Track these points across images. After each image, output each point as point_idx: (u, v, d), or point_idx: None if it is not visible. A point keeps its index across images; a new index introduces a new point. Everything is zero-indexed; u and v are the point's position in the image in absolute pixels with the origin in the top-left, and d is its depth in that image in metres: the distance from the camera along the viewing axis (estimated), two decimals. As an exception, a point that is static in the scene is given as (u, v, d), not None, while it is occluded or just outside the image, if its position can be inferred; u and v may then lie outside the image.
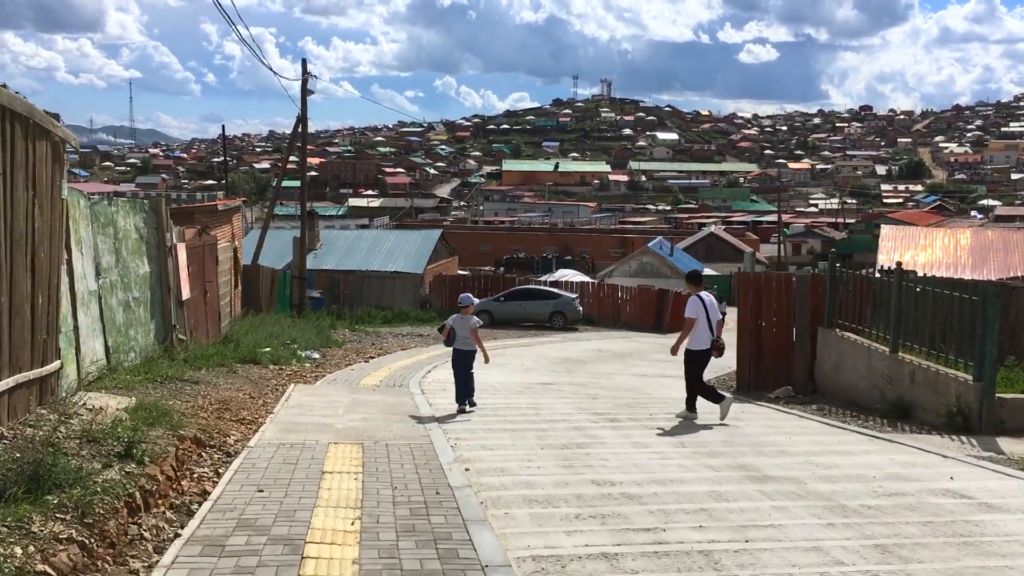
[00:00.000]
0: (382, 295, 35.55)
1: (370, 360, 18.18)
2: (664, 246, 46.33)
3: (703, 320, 10.09)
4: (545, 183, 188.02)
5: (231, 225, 23.73)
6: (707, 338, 10.16)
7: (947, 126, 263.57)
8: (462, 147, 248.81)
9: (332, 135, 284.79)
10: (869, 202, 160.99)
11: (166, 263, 12.37)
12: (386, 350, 21.25)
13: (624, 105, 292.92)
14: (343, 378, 13.96)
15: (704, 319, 10.09)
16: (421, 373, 15.34)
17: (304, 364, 16.09)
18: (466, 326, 10.72)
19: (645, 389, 14.04)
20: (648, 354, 24.61)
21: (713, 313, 10.21)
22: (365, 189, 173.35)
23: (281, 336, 19.41)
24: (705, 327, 10.11)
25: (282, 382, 12.69)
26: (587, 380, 15.49)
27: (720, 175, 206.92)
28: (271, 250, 37.62)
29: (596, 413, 10.74)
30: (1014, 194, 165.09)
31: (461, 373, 10.70)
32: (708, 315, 10.13)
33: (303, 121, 25.94)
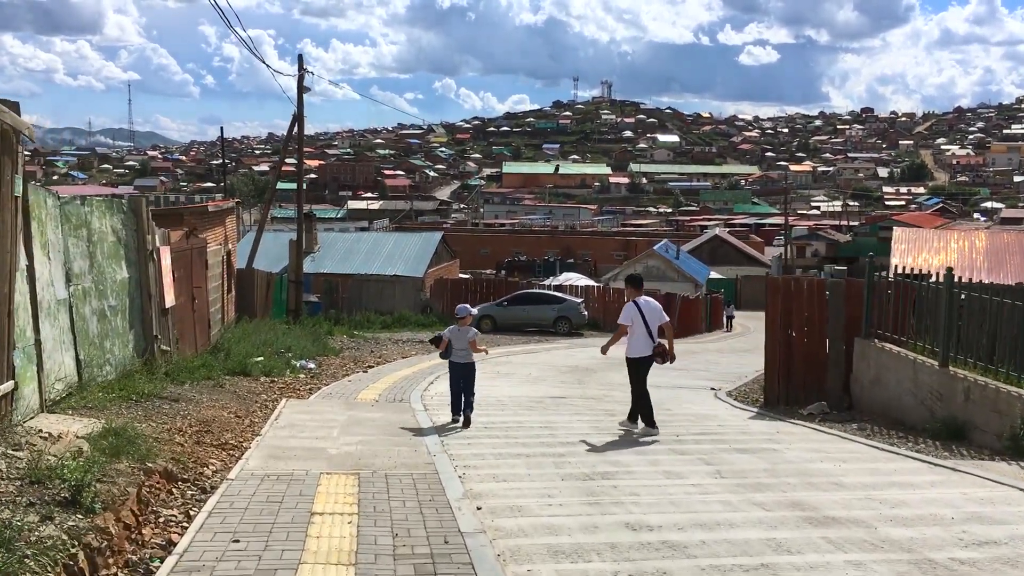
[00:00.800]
0: (381, 299, 34.56)
1: (368, 370, 17.20)
2: (670, 249, 45.35)
3: (640, 326, 9.81)
4: (545, 185, 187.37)
5: (224, 227, 22.77)
6: (645, 345, 9.85)
7: (949, 128, 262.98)
8: (462, 149, 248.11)
9: (331, 137, 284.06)
10: (871, 204, 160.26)
11: (147, 268, 11.39)
12: (385, 358, 20.28)
13: (624, 107, 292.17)
14: (339, 391, 12.98)
15: (641, 325, 9.81)
16: (423, 385, 14.36)
17: (298, 375, 15.12)
18: (464, 338, 10.25)
19: (664, 404, 13.04)
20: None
21: (652, 318, 9.88)
22: (364, 191, 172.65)
23: (275, 344, 18.44)
24: (643, 334, 9.82)
25: (273, 397, 11.71)
26: (600, 392, 14.50)
27: (721, 177, 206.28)
28: (268, 253, 36.70)
29: (618, 435, 9.77)
30: (1017, 196, 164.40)
31: (456, 387, 10.25)
32: (645, 321, 9.81)
33: (299, 119, 24.98)
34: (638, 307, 9.85)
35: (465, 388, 10.14)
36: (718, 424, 10.78)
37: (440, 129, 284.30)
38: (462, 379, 10.16)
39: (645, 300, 10.03)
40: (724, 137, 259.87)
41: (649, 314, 9.85)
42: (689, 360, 24.87)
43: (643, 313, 9.81)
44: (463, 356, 10.19)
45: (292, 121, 25.27)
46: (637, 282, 10.56)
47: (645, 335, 9.82)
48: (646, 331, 9.81)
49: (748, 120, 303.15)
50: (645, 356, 9.89)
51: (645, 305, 9.91)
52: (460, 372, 10.20)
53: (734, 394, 14.76)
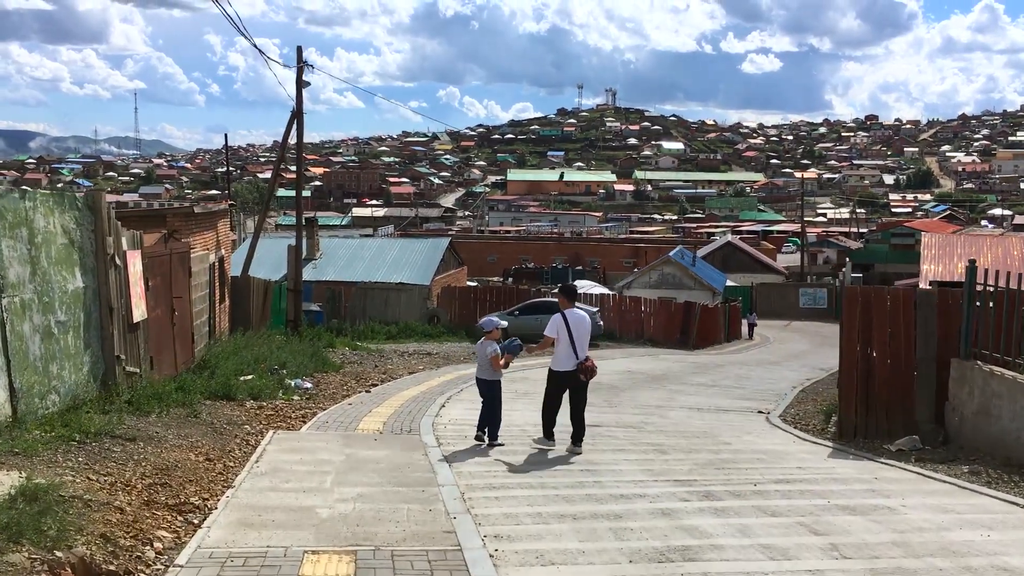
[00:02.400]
0: (386, 308, 32.69)
1: (372, 389, 15.36)
2: (686, 256, 43.46)
3: (564, 340, 9.40)
4: (550, 193, 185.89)
5: (215, 232, 20.96)
6: (567, 359, 9.42)
7: (954, 135, 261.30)
8: (466, 157, 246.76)
9: (336, 145, 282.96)
10: (878, 211, 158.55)
11: (107, 276, 9.57)
12: (391, 374, 18.44)
13: (629, 114, 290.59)
14: (337, 419, 11.13)
15: (566, 338, 9.39)
16: (434, 408, 12.52)
17: (291, 397, 13.27)
18: (483, 353, 9.80)
19: (717, 434, 11.18)
20: (685, 376, 21.81)
21: (579, 332, 9.44)
22: (369, 199, 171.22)
23: (268, 360, 16.61)
24: (567, 347, 9.41)
25: (258, 428, 9.87)
26: (637, 418, 12.64)
27: (727, 184, 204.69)
28: (268, 260, 34.92)
29: (679, 481, 7.90)
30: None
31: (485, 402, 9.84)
32: (571, 334, 9.38)
33: (298, 115, 23.18)
34: (565, 319, 9.43)
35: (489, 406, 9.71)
36: (796, 466, 8.90)
37: (445, 137, 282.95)
38: (486, 396, 9.74)
39: (573, 312, 9.59)
40: (729, 144, 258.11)
41: (576, 327, 9.42)
42: (718, 374, 23.05)
43: (569, 326, 9.38)
44: (484, 372, 9.74)
45: (291, 118, 23.49)
46: (569, 293, 10.11)
47: (568, 349, 9.37)
48: (570, 345, 9.36)
49: (753, 127, 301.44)
50: (566, 371, 9.42)
51: (572, 317, 9.47)
52: (482, 389, 9.83)
53: (789, 419, 12.90)
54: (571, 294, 10.20)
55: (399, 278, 35.75)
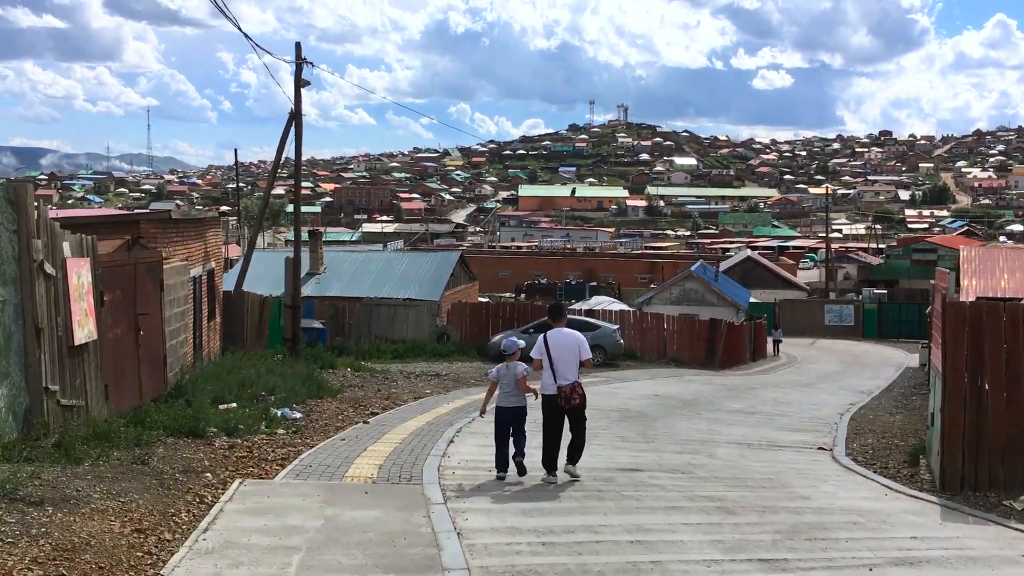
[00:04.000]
0: (393, 326, 30.75)
1: (371, 419, 13.45)
2: (708, 271, 41.46)
3: (546, 363, 8.88)
4: (562, 208, 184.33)
5: (202, 242, 19.13)
6: (548, 383, 8.87)
7: (969, 151, 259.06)
8: (477, 172, 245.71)
9: (347, 161, 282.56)
10: (894, 227, 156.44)
11: (33, 287, 7.71)
12: (394, 399, 16.53)
13: (641, 130, 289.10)
14: (323, 462, 9.20)
15: (547, 362, 8.85)
16: (441, 445, 10.61)
17: (275, 431, 11.36)
18: (512, 376, 8.98)
19: (787, 482, 9.20)
20: (718, 401, 19.82)
21: (559, 354, 8.80)
22: (380, 214, 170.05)
23: (256, 384, 14.75)
24: (547, 370, 8.86)
25: (222, 477, 7.96)
26: (682, 458, 10.67)
27: (740, 200, 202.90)
28: (269, 275, 33.08)
29: (765, 562, 5.93)
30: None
31: (502, 435, 8.92)
32: (550, 356, 8.81)
33: (297, 116, 21.40)
34: (545, 340, 8.96)
35: (514, 434, 8.87)
36: (910, 535, 6.90)
37: (456, 152, 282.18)
38: (510, 424, 8.88)
39: (557, 333, 9.02)
40: (741, 160, 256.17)
41: (556, 349, 8.83)
42: (753, 399, 21.03)
43: (548, 347, 8.85)
44: (510, 398, 8.98)
45: (289, 119, 21.70)
46: (554, 312, 9.61)
47: (549, 372, 8.85)
48: (549, 368, 8.84)
49: (765, 143, 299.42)
50: (549, 395, 8.87)
51: (553, 338, 8.94)
52: (506, 417, 8.93)
53: (860, 458, 10.91)
54: (555, 313, 9.58)
55: (407, 293, 33.87)
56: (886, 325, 50.08)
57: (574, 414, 8.90)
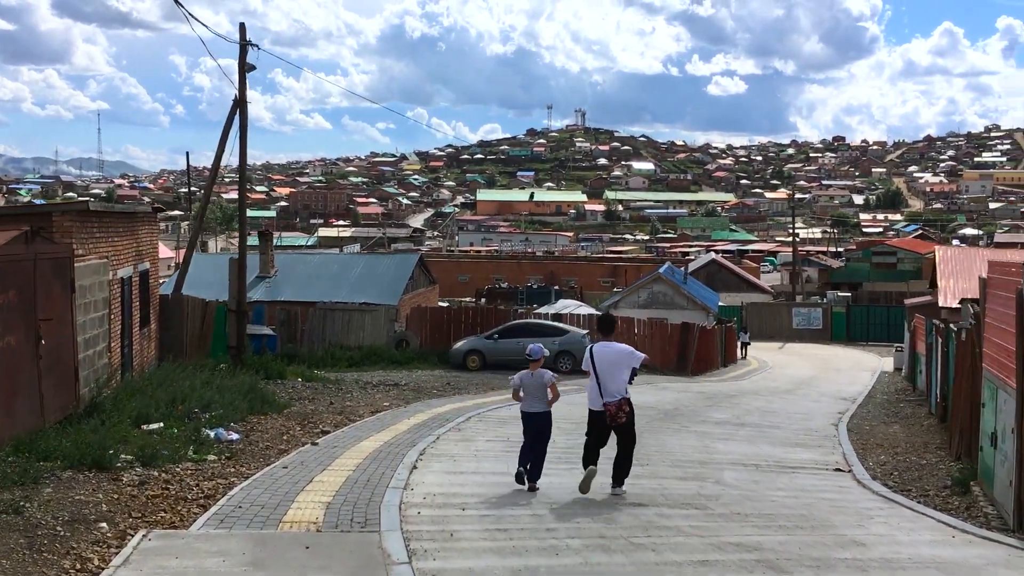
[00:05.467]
0: (349, 331, 28.91)
1: (321, 439, 11.72)
2: (676, 273, 40.19)
3: (592, 377, 8.68)
4: (520, 213, 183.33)
5: (134, 239, 17.20)
6: (594, 399, 8.66)
7: (920, 156, 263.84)
8: (435, 177, 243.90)
9: (303, 166, 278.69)
10: (849, 231, 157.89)
11: None
12: (348, 414, 14.79)
13: (599, 135, 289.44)
14: (258, 499, 7.46)
15: (592, 376, 8.64)
16: (403, 474, 8.94)
17: (205, 458, 9.58)
18: (539, 384, 8.84)
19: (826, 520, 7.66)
20: (700, 411, 18.42)
21: (604, 369, 8.53)
22: (336, 219, 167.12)
23: (189, 400, 12.92)
24: (593, 384, 8.65)
25: (121, 528, 6.20)
26: (687, 485, 9.13)
27: (698, 204, 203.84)
28: (216, 278, 30.93)
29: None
30: (993, 223, 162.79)
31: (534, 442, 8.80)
32: (596, 371, 8.57)
33: (241, 104, 19.52)
34: (591, 355, 8.71)
35: (536, 444, 8.77)
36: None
37: (413, 157, 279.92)
38: (533, 432, 8.82)
39: (603, 346, 8.75)
40: (699, 165, 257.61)
41: (602, 363, 8.56)
42: (736, 408, 19.61)
43: (594, 362, 8.62)
44: (535, 404, 8.84)
45: (232, 107, 19.82)
46: (605, 325, 9.26)
47: (595, 388, 8.64)
48: (596, 383, 8.61)
49: (722, 148, 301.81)
50: (596, 411, 8.68)
51: (599, 351, 8.67)
52: (531, 423, 8.84)
53: (889, 482, 9.46)
54: (605, 326, 9.12)
55: (363, 298, 32.02)
56: (854, 328, 49.34)
57: (622, 432, 8.59)
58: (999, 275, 7.69)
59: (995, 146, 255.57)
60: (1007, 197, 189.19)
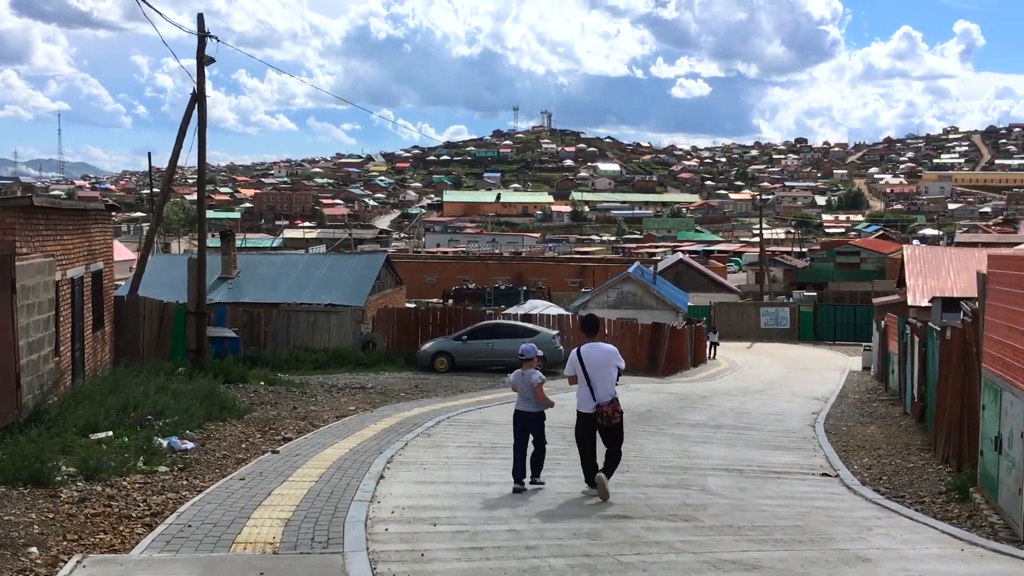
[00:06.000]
0: (314, 333, 28.20)
1: (283, 446, 11.10)
2: (646, 273, 39.90)
3: (582, 379, 8.55)
4: (487, 214, 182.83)
5: (86, 237, 16.43)
6: (586, 401, 8.52)
7: (880, 158, 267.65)
8: (402, 178, 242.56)
9: (268, 167, 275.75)
10: (812, 232, 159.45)
11: None
12: (312, 419, 14.17)
13: (565, 136, 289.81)
14: (209, 517, 6.86)
15: (583, 378, 8.51)
16: (370, 485, 8.38)
17: (156, 469, 8.94)
18: (527, 383, 8.87)
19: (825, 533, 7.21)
20: (674, 412, 18.05)
21: (596, 370, 8.48)
22: (302, 221, 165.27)
23: (143, 405, 12.23)
24: (584, 388, 8.52)
25: (56, 552, 5.59)
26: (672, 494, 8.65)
27: (663, 206, 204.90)
28: (176, 279, 30.00)
29: None
30: (953, 223, 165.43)
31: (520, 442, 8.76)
32: (586, 373, 8.48)
33: (200, 98, 18.77)
34: (579, 356, 8.69)
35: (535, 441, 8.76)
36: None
37: (379, 158, 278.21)
38: (528, 431, 8.77)
39: (592, 347, 8.73)
40: (664, 166, 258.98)
41: (592, 365, 8.55)
42: (710, 410, 19.22)
43: (583, 363, 8.60)
44: (528, 403, 8.86)
45: (191, 101, 19.07)
46: (588, 325, 9.16)
47: (586, 389, 8.56)
48: (587, 385, 8.54)
49: (687, 150, 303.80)
50: (587, 413, 8.59)
51: (588, 353, 8.67)
52: (523, 422, 8.80)
53: (881, 488, 9.07)
54: (590, 327, 9.01)
55: (329, 299, 31.28)
56: (822, 328, 49.46)
57: (614, 432, 8.51)
58: (1003, 269, 7.31)
59: (953, 148, 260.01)
60: (965, 198, 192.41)
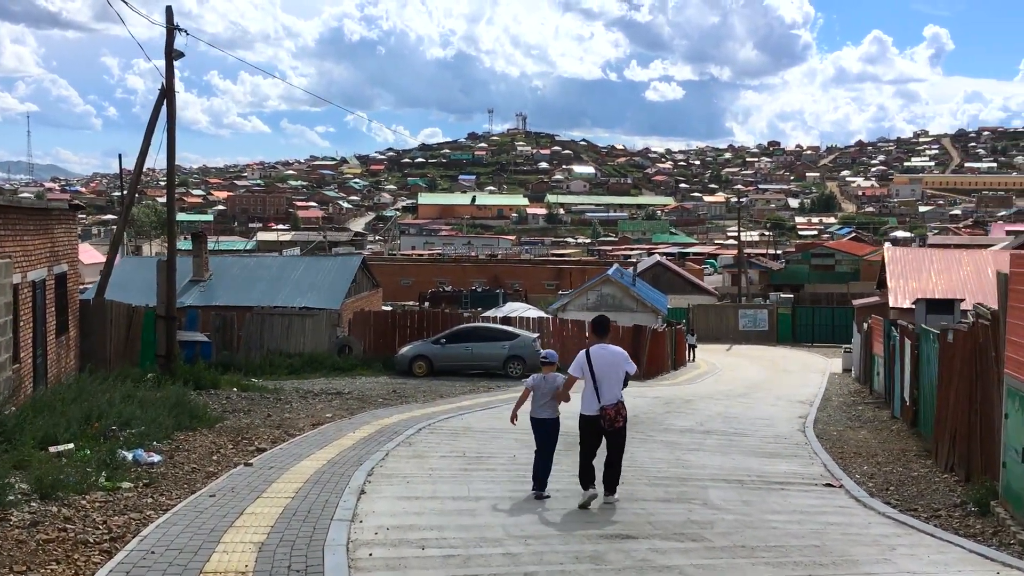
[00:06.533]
0: (288, 337, 27.48)
1: (256, 457, 10.49)
2: (625, 275, 39.52)
3: (588, 380, 8.39)
4: (462, 216, 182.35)
5: (48, 239, 15.70)
6: (590, 403, 8.44)
7: (852, 161, 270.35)
8: (376, 181, 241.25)
9: (241, 169, 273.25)
10: (785, 234, 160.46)
11: None
12: (287, 427, 13.54)
13: (539, 139, 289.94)
14: (175, 542, 6.26)
15: (589, 379, 8.35)
16: (350, 501, 7.81)
17: (119, 485, 8.30)
18: (551, 388, 8.70)
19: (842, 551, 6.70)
20: (660, 418, 17.57)
21: (603, 372, 8.30)
22: (276, 223, 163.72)
23: (107, 415, 11.56)
24: (590, 389, 8.38)
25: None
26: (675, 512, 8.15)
27: (638, 208, 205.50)
28: (145, 282, 29.22)
29: None
30: (923, 225, 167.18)
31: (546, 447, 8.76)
32: (593, 374, 8.31)
33: (168, 93, 18.05)
34: (588, 357, 8.49)
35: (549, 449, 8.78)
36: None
37: (354, 160, 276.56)
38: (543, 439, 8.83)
39: (601, 348, 8.58)
40: (638, 169, 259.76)
41: (600, 366, 8.39)
42: (697, 414, 18.74)
43: (592, 364, 8.42)
44: (545, 410, 8.82)
45: (159, 96, 18.34)
46: (598, 327, 8.98)
47: (592, 392, 8.47)
48: (593, 387, 8.43)
49: (661, 152, 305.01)
50: (590, 415, 8.51)
51: (596, 354, 8.48)
52: (543, 429, 8.83)
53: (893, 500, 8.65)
54: (600, 328, 8.84)
55: (303, 302, 30.54)
56: (800, 330, 49.37)
57: (615, 437, 8.42)
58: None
59: (923, 151, 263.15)
60: (936, 200, 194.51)
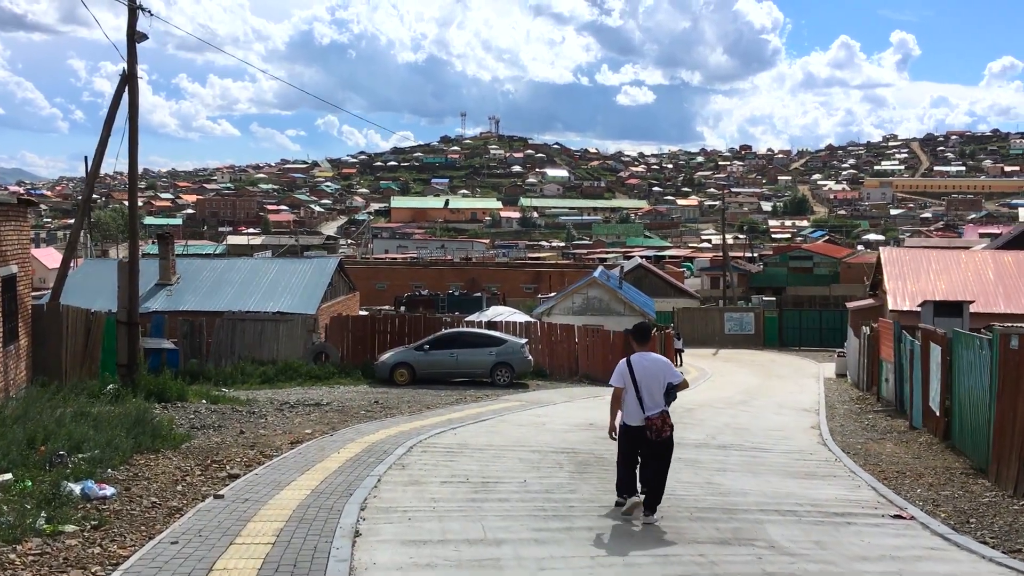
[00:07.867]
0: (261, 344, 25.92)
1: (228, 487, 9.04)
2: (612, 278, 38.31)
3: (630, 390, 8.02)
4: (436, 220, 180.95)
5: (-6, 238, 14.10)
6: (634, 412, 8.00)
7: (823, 164, 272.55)
8: (348, 184, 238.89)
9: (211, 173, 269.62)
10: (759, 237, 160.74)
11: None
12: (263, 447, 12.06)
13: (513, 142, 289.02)
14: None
15: (632, 389, 8.00)
16: (344, 547, 6.43)
17: (60, 530, 6.82)
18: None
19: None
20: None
21: (646, 381, 7.94)
22: (246, 227, 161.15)
23: (54, 437, 10.03)
24: (633, 399, 8.01)
25: None
26: (742, 562, 6.81)
27: (612, 211, 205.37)
28: (106, 286, 27.51)
29: None
30: (895, 228, 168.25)
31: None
32: (636, 383, 7.96)
33: (130, 79, 16.50)
34: (629, 366, 8.05)
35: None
36: None
37: (325, 163, 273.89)
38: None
39: (642, 357, 8.11)
40: (611, 172, 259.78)
41: (643, 375, 7.95)
42: (705, 426, 17.41)
43: (634, 373, 7.97)
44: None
45: (120, 83, 16.79)
46: (639, 334, 8.53)
47: (635, 401, 7.97)
48: (636, 396, 7.96)
49: (634, 156, 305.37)
50: (634, 426, 8.01)
51: (638, 363, 8.03)
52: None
53: (987, 537, 7.37)
54: (641, 335, 8.50)
55: (277, 306, 29.00)
56: (787, 333, 48.46)
57: (662, 448, 7.99)
58: None
59: (893, 155, 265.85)
60: (906, 204, 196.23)
